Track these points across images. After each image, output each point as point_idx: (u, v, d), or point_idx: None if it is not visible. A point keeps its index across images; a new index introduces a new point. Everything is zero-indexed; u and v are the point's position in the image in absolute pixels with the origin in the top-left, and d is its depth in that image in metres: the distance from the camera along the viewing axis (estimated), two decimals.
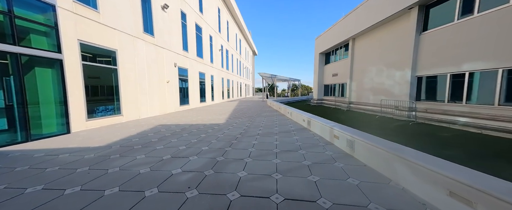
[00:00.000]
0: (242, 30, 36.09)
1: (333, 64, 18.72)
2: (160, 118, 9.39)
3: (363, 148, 3.52)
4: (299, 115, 7.70)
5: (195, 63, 15.63)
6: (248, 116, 10.12)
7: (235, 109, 14.16)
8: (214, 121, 8.47)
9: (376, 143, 3.26)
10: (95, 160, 3.72)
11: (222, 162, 3.56)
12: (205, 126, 7.15)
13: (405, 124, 8.55)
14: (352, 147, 3.83)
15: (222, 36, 23.41)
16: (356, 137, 3.75)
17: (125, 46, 8.32)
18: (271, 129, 6.63)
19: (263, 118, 9.16)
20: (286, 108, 10.38)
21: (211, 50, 19.54)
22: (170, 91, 11.89)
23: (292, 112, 8.94)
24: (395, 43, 10.88)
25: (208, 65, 18.43)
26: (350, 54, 15.09)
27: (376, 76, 12.43)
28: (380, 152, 3.09)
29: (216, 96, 21.08)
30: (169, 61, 11.77)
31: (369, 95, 13.03)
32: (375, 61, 12.55)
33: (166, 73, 11.50)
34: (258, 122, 8.01)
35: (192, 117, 9.59)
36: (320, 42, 20.46)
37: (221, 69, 22.97)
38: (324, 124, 5.30)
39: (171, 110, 12.04)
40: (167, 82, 11.59)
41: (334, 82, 18.44)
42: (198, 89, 16.25)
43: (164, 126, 7.17)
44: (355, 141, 3.75)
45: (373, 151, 3.25)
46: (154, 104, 10.34)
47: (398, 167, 2.69)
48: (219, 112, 11.89)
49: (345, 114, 13.03)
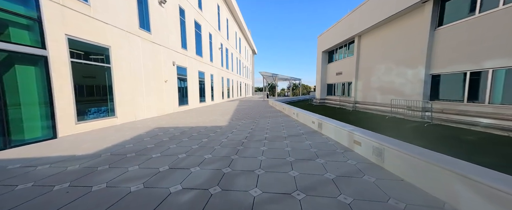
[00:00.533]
0: (242, 29, 35.48)
1: (337, 62, 18.19)
2: (158, 119, 8.81)
3: (396, 157, 2.98)
4: (307, 116, 7.16)
5: (194, 62, 15.03)
6: (251, 117, 9.56)
7: (237, 109, 13.60)
8: (215, 122, 7.91)
9: (414, 152, 2.73)
10: (79, 172, 3.15)
11: (229, 175, 3.00)
12: (206, 129, 6.58)
13: (419, 125, 8.04)
14: (380, 155, 3.29)
15: (222, 34, 22.81)
16: (385, 144, 3.20)
17: (119, 43, 7.72)
18: (278, 132, 6.08)
19: (268, 119, 8.61)
20: (290, 108, 9.83)
21: (211, 48, 18.94)
22: (168, 91, 11.30)
23: (298, 112, 8.40)
24: (406, 39, 10.34)
25: (207, 64, 17.84)
26: (356, 52, 14.56)
27: (384, 75, 11.91)
28: (421, 164, 2.55)
29: (216, 96, 20.50)
30: (167, 59, 11.17)
31: (376, 95, 12.51)
32: (383, 59, 12.03)
33: (164, 72, 10.91)
34: (263, 124, 7.46)
35: (192, 119, 9.02)
36: (323, 40, 19.91)
37: (221, 68, 22.38)
38: (340, 127, 4.75)
39: (170, 110, 11.46)
40: (165, 82, 11.00)
41: (338, 81, 17.92)
42: (198, 89, 15.66)
43: (162, 129, 6.59)
44: (384, 148, 3.21)
45: (410, 163, 2.71)
46: (152, 105, 9.75)
47: (452, 185, 2.14)
48: (220, 113, 11.32)
49: (352, 114, 12.51)
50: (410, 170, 2.72)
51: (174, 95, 11.94)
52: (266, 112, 11.51)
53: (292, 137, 5.37)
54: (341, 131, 4.66)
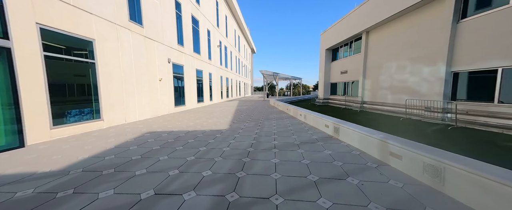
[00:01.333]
0: (241, 27, 34.57)
1: (342, 60, 17.38)
2: (150, 122, 7.93)
3: (465, 181, 2.16)
4: (317, 119, 6.33)
5: (192, 60, 14.14)
6: (253, 118, 8.73)
7: (237, 109, 12.75)
8: (215, 126, 7.06)
9: (499, 176, 1.91)
10: (29, 203, 2.28)
11: (237, 206, 2.16)
12: (204, 134, 5.73)
13: (442, 129, 7.26)
14: (437, 176, 2.46)
15: (221, 31, 21.91)
16: (446, 161, 2.38)
17: (105, 36, 6.83)
18: (288, 137, 5.25)
19: (273, 122, 7.78)
20: (296, 109, 9.00)
21: (209, 46, 18.04)
22: (163, 91, 10.41)
23: (305, 114, 7.58)
24: (422, 34, 9.52)
25: (205, 62, 16.95)
26: (363, 49, 13.76)
27: (396, 73, 11.12)
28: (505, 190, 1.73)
29: (215, 96, 19.62)
30: (161, 56, 10.28)
31: (387, 95, 11.73)
32: (395, 56, 11.23)
33: (158, 70, 10.02)
34: (269, 127, 6.62)
35: (189, 121, 8.16)
36: (326, 37, 19.10)
37: (220, 67, 21.49)
38: (366, 133, 3.92)
39: (165, 111, 10.57)
40: (160, 81, 10.11)
41: (342, 80, 17.13)
42: (195, 88, 14.78)
43: (154, 134, 5.72)
44: (445, 167, 2.38)
45: (490, 189, 1.89)
46: (144, 106, 8.86)
47: None
48: (219, 114, 10.47)
49: (361, 115, 11.72)
50: (490, 199, 1.90)
51: (169, 95, 11.05)
52: (269, 113, 10.69)
53: (306, 145, 4.54)
54: (369, 139, 3.84)
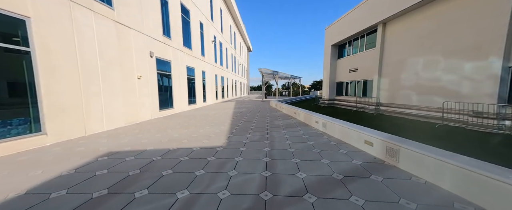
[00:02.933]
0: (237, 23, 32.63)
1: (351, 57, 15.70)
2: (121, 133, 5.99)
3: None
4: (349, 131, 4.52)
5: (182, 55, 12.17)
6: (257, 126, 6.89)
7: (235, 113, 10.88)
8: (208, 139, 5.18)
9: None
10: None
11: None
12: (191, 156, 3.86)
13: (508, 139, 5.62)
14: None
15: (215, 25, 19.95)
16: None
17: (48, 15, 4.85)
18: (316, 164, 3.44)
19: (283, 131, 5.95)
20: (309, 114, 7.21)
21: (202, 40, 16.08)
22: (143, 91, 8.45)
23: (325, 122, 5.79)
24: (464, 22, 7.76)
25: (198, 58, 14.99)
26: (379, 43, 12.10)
27: (424, 70, 9.47)
28: None
29: (209, 96, 17.67)
30: (141, 48, 8.31)
31: (411, 96, 10.09)
32: (423, 49, 9.53)
33: (137, 66, 8.05)
34: (281, 142, 4.79)
35: (174, 130, 6.25)
36: (332, 32, 17.40)
37: (214, 65, 19.54)
38: (469, 168, 2.14)
39: (146, 116, 8.61)
40: (139, 79, 8.14)
41: (351, 79, 15.46)
42: (186, 88, 12.81)
43: (114, 158, 3.81)
44: None
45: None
46: (115, 110, 6.89)
47: None
48: (214, 119, 8.57)
49: (380, 119, 10.03)
50: None
51: (152, 96, 9.08)
52: (273, 117, 8.87)
53: (355, 183, 2.74)
54: (475, 176, 2.04)
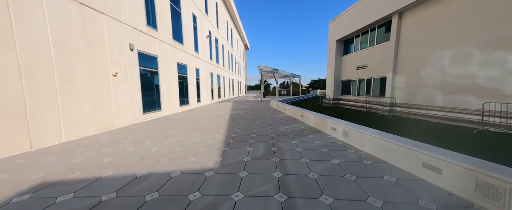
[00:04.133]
0: (234, 19, 31.16)
1: (358, 53, 14.39)
2: (81, 147, 4.57)
3: None
4: (392, 146, 3.19)
5: (171, 50, 10.73)
6: (259, 133, 5.52)
7: (232, 115, 9.49)
8: (195, 154, 3.80)
9: None
10: None
11: None
12: (166, 187, 2.47)
13: None
14: None
15: (210, 20, 18.48)
16: None
17: None
18: (363, 206, 2.09)
19: (293, 142, 4.59)
20: (322, 118, 5.87)
21: (196, 35, 14.63)
22: (121, 91, 7.02)
23: (348, 130, 4.45)
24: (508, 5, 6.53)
25: (191, 54, 13.54)
26: (394, 36, 10.81)
27: (452, 66, 8.19)
28: None
29: (204, 96, 16.24)
30: (117, 39, 6.87)
31: (434, 95, 8.81)
32: (450, 40, 8.22)
33: (112, 60, 6.61)
34: (295, 159, 3.43)
35: (155, 141, 4.85)
36: (337, 26, 16.07)
37: (210, 62, 18.09)
38: None
39: (125, 121, 7.18)
40: (114, 76, 6.70)
41: (359, 77, 14.17)
42: (177, 87, 11.38)
43: (45, 193, 2.41)
44: None
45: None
46: (80, 116, 5.46)
47: None
48: (207, 124, 7.18)
49: (399, 122, 8.74)
50: None
51: (133, 97, 7.65)
52: (277, 121, 7.51)
53: None
54: None
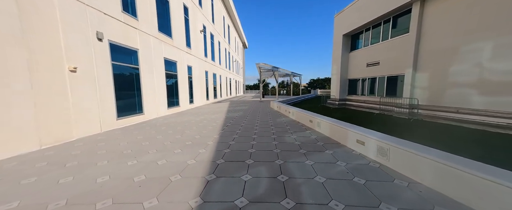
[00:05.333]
0: (231, 15, 29.64)
1: (369, 49, 12.96)
2: (5, 174, 3.10)
3: None
4: (473, 179, 1.79)
5: (156, 44, 9.25)
6: (260, 147, 4.07)
7: (227, 119, 8.02)
8: (160, 195, 2.35)
9: None
10: None
11: None
12: None
13: None
14: None
15: (205, 13, 16.98)
16: None
17: None
18: None
19: (308, 163, 3.17)
20: (339, 126, 4.45)
21: (187, 28, 13.14)
22: (84, 92, 5.53)
23: (387, 146, 3.06)
24: None
25: (182, 50, 12.06)
26: (414, 27, 9.40)
27: (495, 59, 6.79)
28: None
29: (198, 97, 14.77)
30: (77, 24, 5.38)
31: (469, 96, 7.43)
32: (492, 28, 6.80)
33: (70, 51, 5.13)
34: (319, 202, 2.00)
35: (112, 161, 3.38)
36: (343, 19, 14.64)
37: (205, 59, 16.60)
38: None
39: (92, 129, 5.69)
40: (73, 71, 5.20)
41: (370, 75, 12.76)
42: (164, 86, 9.90)
43: None
44: None
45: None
46: (17, 125, 3.97)
47: None
48: (195, 132, 5.71)
49: (428, 128, 7.35)
50: None
51: (102, 98, 6.17)
52: (280, 128, 6.06)
53: None
54: None
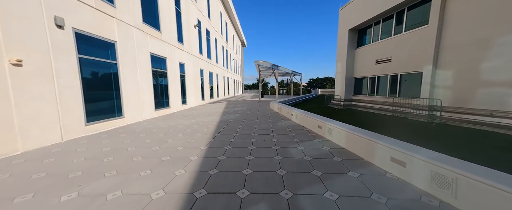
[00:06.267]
0: (229, 12, 28.44)
1: (379, 44, 11.81)
2: None
3: None
4: None
5: (141, 36, 8.08)
6: (259, 167, 2.95)
7: (221, 123, 6.86)
8: None
9: None
10: None
11: None
12: None
13: None
14: None
15: (199, 7, 15.78)
16: None
17: None
18: None
19: (327, 196, 2.04)
20: (362, 136, 3.34)
21: (179, 22, 11.96)
22: (34, 91, 4.36)
23: (456, 176, 1.92)
24: None
25: (173, 45, 10.89)
26: (435, 17, 8.28)
27: None
28: None
29: (192, 97, 13.60)
30: (21, 3, 4.20)
31: (507, 97, 6.33)
32: None
33: (9, 38, 3.95)
34: None
35: (49, 194, 2.24)
36: (349, 12, 13.50)
37: (199, 57, 15.42)
38: None
39: (48, 138, 4.52)
40: (16, 65, 4.02)
41: (380, 73, 11.63)
42: (151, 85, 8.72)
43: None
44: None
45: None
46: None
47: None
48: (177, 141, 4.55)
49: (457, 135, 6.26)
50: None
51: (64, 100, 4.99)
52: (283, 135, 4.93)
53: None
54: None
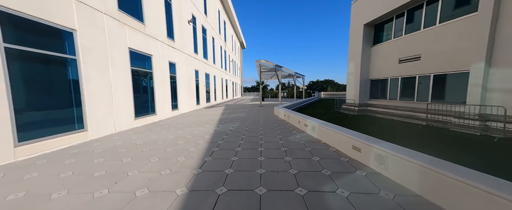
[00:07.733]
0: (228, 11, 26.87)
1: (403, 40, 10.12)
2: None
3: None
4: None
5: (116, 27, 6.38)
6: None
7: (215, 139, 5.11)
8: None
9: None
10: None
11: None
12: None
13: None
14: None
15: (195, 1, 14.13)
16: None
17: None
18: None
19: None
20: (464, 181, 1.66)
21: (169, 14, 10.29)
22: None
23: None
24: None
25: (160, 41, 9.19)
26: (487, 3, 6.67)
27: None
28: None
29: (184, 101, 11.87)
30: None
31: None
32: None
33: None
34: None
35: None
36: (365, 4, 11.86)
37: (194, 56, 13.72)
38: None
39: None
40: None
41: (405, 73, 9.95)
42: (130, 88, 7.00)
43: None
44: None
45: None
46: None
47: None
48: (142, 178, 2.84)
49: None
50: None
51: None
52: (308, 165, 3.25)
53: None
54: None
